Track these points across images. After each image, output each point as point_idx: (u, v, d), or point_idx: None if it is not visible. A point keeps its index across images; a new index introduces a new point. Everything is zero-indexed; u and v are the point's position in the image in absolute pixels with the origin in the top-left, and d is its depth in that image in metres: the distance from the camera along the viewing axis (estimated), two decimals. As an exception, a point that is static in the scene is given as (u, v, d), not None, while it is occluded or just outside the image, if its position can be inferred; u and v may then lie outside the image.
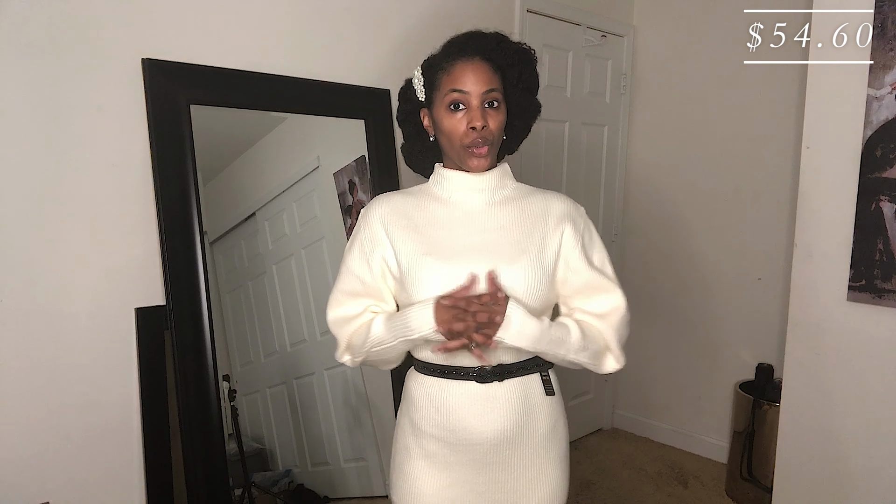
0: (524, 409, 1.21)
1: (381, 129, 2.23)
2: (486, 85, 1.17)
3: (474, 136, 1.16)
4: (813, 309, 2.01)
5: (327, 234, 2.19)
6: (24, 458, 1.56)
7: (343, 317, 1.25)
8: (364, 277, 1.23)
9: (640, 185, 3.29)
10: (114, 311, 1.67)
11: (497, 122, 1.19)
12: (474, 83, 1.16)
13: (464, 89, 1.16)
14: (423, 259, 1.18)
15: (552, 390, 1.24)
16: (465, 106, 1.17)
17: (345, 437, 2.19)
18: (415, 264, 1.18)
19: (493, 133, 1.18)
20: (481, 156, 1.18)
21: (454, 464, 1.21)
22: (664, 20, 3.13)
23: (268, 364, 2.03)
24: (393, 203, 1.26)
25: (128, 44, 1.65)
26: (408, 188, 1.33)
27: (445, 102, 1.18)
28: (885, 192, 1.83)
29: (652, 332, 3.28)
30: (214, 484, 1.75)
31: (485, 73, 1.17)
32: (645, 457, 3.11)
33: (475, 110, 1.16)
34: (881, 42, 1.81)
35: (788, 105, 2.71)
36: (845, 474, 1.98)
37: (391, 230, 1.22)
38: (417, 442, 1.23)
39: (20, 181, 1.52)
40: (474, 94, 1.16)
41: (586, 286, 1.23)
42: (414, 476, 1.22)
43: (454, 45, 1.22)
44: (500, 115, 1.20)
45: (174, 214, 1.72)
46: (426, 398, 1.22)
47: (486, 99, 1.17)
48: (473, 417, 1.18)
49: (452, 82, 1.17)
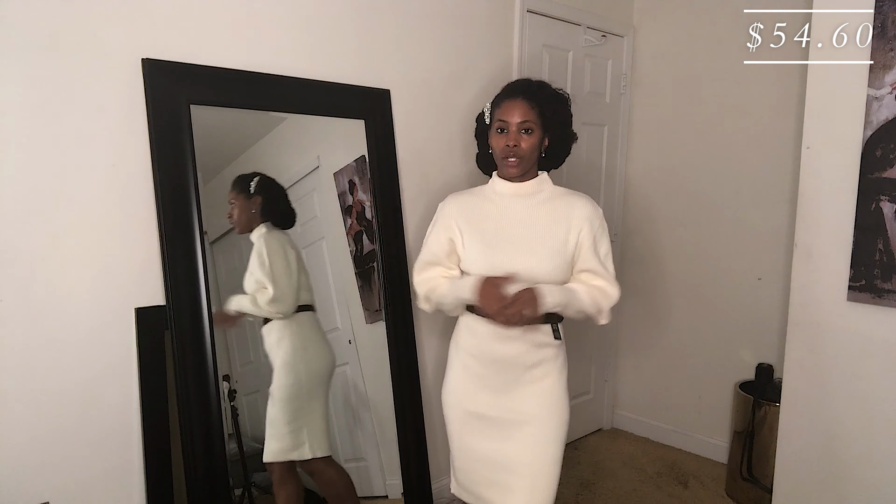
0: (534, 343, 1.66)
1: (381, 129, 2.23)
2: (521, 117, 1.63)
3: (508, 151, 1.64)
4: (813, 309, 2.02)
5: (327, 234, 2.19)
6: (24, 458, 1.56)
7: (423, 278, 1.76)
8: (438, 252, 1.73)
9: (640, 185, 3.29)
10: (114, 311, 1.68)
11: (528, 144, 1.64)
12: (512, 115, 1.64)
13: (506, 119, 1.65)
14: (476, 243, 1.68)
15: (559, 336, 1.68)
16: (506, 130, 1.65)
17: (345, 437, 2.19)
18: (470, 246, 1.69)
19: (523, 150, 1.64)
20: (512, 166, 1.66)
21: (480, 372, 1.70)
22: (664, 20, 3.13)
23: (268, 364, 2.03)
24: (461, 201, 1.76)
25: (128, 44, 1.65)
26: (471, 188, 1.82)
27: (495, 127, 1.68)
28: (885, 192, 1.83)
29: (652, 331, 3.28)
30: (214, 484, 1.75)
31: (522, 109, 1.63)
32: (645, 457, 3.11)
33: (511, 134, 1.64)
34: (881, 42, 1.81)
35: (788, 105, 2.71)
36: (845, 474, 1.98)
37: (458, 220, 1.72)
38: (458, 356, 1.76)
39: (20, 181, 1.52)
40: (512, 123, 1.64)
41: (590, 270, 1.67)
42: (452, 377, 1.78)
43: (507, 89, 1.71)
44: (532, 139, 1.65)
45: (174, 214, 1.72)
46: (468, 329, 1.73)
47: (521, 127, 1.64)
48: (496, 344, 1.66)
49: (500, 114, 1.66)
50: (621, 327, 3.42)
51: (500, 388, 1.68)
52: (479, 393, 1.70)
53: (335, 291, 2.20)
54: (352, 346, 2.20)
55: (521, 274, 1.59)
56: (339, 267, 2.22)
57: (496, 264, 1.62)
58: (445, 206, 1.77)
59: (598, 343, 3.33)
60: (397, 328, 2.27)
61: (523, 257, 1.62)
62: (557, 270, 1.63)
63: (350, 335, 2.20)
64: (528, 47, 2.71)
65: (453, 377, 1.77)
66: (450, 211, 1.74)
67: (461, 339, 1.76)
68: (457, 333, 1.79)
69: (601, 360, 3.37)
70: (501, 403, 1.68)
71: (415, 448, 2.29)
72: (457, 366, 1.76)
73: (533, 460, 1.66)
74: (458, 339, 1.77)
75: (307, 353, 2.09)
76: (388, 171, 2.26)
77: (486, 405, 1.69)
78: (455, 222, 1.72)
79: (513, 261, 1.62)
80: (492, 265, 1.62)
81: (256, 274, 1.97)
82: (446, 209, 1.76)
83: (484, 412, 1.70)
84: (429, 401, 2.45)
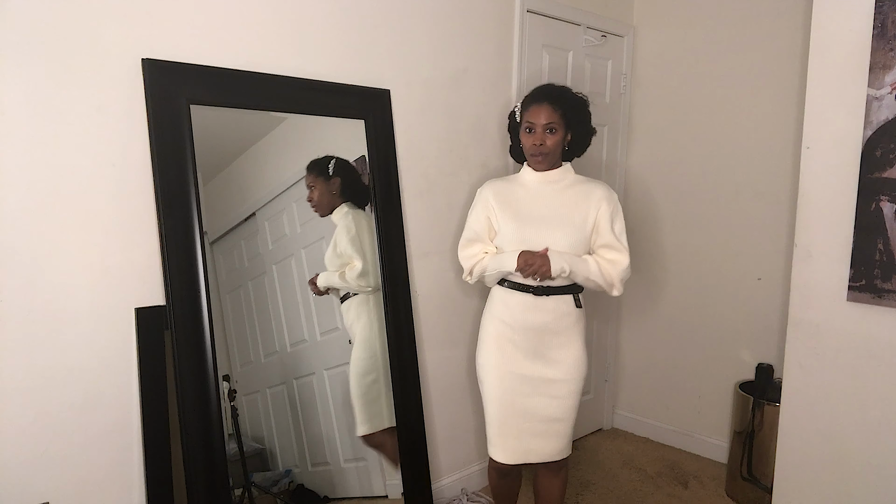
0: (560, 313, 1.97)
1: (381, 129, 2.23)
2: (546, 119, 1.94)
3: (536, 149, 1.96)
4: (813, 309, 2.01)
5: (327, 235, 2.19)
6: (24, 458, 1.56)
7: (466, 254, 2.07)
8: (479, 230, 2.04)
9: (640, 185, 3.29)
10: (114, 311, 1.68)
11: (552, 141, 1.96)
12: (538, 118, 1.94)
13: (533, 121, 1.95)
14: (510, 222, 1.98)
15: (580, 304, 2.00)
16: (533, 130, 1.96)
17: (345, 437, 2.19)
18: (506, 224, 1.98)
19: (549, 148, 1.96)
20: (538, 161, 2.00)
21: (514, 338, 1.98)
22: (664, 20, 3.13)
23: (268, 364, 2.03)
24: (496, 186, 2.07)
25: (128, 44, 1.65)
26: (506, 176, 2.14)
27: (524, 127, 1.99)
28: (885, 192, 1.83)
29: (652, 331, 3.28)
30: (214, 484, 1.75)
31: (546, 112, 1.94)
32: (645, 457, 3.11)
33: (538, 134, 1.95)
34: (881, 42, 1.81)
35: (788, 105, 2.71)
36: (845, 474, 1.98)
37: (495, 202, 2.02)
38: (493, 324, 2.03)
39: (20, 181, 1.52)
40: (538, 125, 1.95)
41: (606, 245, 1.97)
42: (487, 343, 2.04)
43: (535, 93, 2.00)
44: (556, 137, 1.96)
45: (174, 214, 1.72)
46: (501, 300, 2.02)
47: (546, 127, 1.94)
48: (528, 314, 1.96)
49: (528, 116, 1.97)
50: (621, 327, 3.42)
51: (532, 353, 1.97)
52: (516, 356, 1.98)
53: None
54: (352, 346, 2.20)
55: (549, 246, 1.92)
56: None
57: (526, 238, 1.93)
58: (483, 191, 2.07)
59: (599, 343, 3.33)
60: (397, 328, 2.27)
61: (548, 232, 1.93)
62: (578, 244, 1.94)
63: (350, 335, 2.20)
64: (528, 47, 2.71)
65: (489, 343, 2.03)
66: (487, 194, 2.05)
67: (496, 309, 2.04)
68: (491, 304, 2.07)
69: (601, 361, 3.37)
70: (536, 365, 1.97)
71: (415, 448, 2.30)
72: (491, 332, 2.03)
73: (562, 412, 1.99)
74: (493, 309, 2.05)
75: (382, 331, 2.23)
76: (388, 171, 2.26)
77: (522, 366, 1.97)
78: (491, 203, 2.02)
79: (539, 235, 1.93)
80: (522, 239, 1.94)
81: (345, 250, 2.11)
82: (484, 193, 2.06)
83: (524, 372, 1.97)
84: (429, 401, 2.46)
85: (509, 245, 1.96)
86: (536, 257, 1.90)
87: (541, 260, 1.89)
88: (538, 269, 1.88)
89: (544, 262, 1.89)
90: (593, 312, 3.25)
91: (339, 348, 2.17)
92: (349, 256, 2.13)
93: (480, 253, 2.05)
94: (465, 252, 2.07)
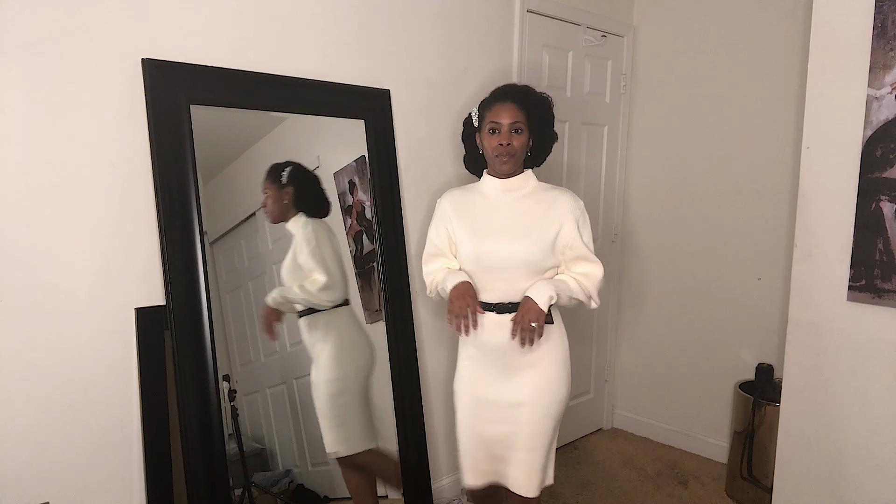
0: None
1: (381, 129, 2.23)
2: (512, 119, 1.78)
3: (501, 149, 1.78)
4: (813, 309, 2.01)
5: (327, 234, 2.19)
6: (24, 458, 1.56)
7: (427, 270, 1.94)
8: (439, 244, 1.90)
9: (640, 185, 3.29)
10: (114, 311, 1.68)
11: (519, 142, 1.79)
12: (504, 118, 1.78)
13: (498, 121, 1.79)
14: (467, 237, 1.83)
15: (552, 320, 1.81)
16: (498, 131, 1.79)
17: (345, 437, 2.19)
18: (461, 235, 1.85)
19: (515, 149, 1.79)
20: (505, 163, 1.80)
21: (483, 360, 1.85)
22: (664, 20, 3.13)
23: (268, 364, 2.03)
24: (454, 196, 1.93)
25: (128, 44, 1.65)
26: (465, 185, 1.96)
27: (486, 129, 1.81)
28: (885, 192, 1.83)
29: (652, 331, 3.28)
30: (214, 484, 1.75)
31: (512, 111, 1.78)
32: (645, 457, 3.11)
33: (504, 134, 1.78)
34: (881, 42, 1.81)
35: (788, 105, 2.71)
36: (845, 474, 1.98)
37: (454, 214, 1.88)
38: (465, 348, 1.90)
39: (20, 181, 1.52)
40: (504, 124, 1.78)
41: (580, 257, 1.83)
42: (459, 369, 1.93)
43: (496, 93, 1.85)
44: (522, 138, 1.80)
45: (174, 214, 1.72)
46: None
47: (512, 127, 1.78)
48: (492, 333, 1.80)
49: (492, 116, 1.80)
50: (621, 327, 3.42)
51: (500, 375, 1.83)
52: (484, 379, 1.85)
53: (335, 291, 2.20)
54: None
55: (506, 258, 1.77)
56: (339, 267, 2.22)
57: (484, 250, 1.79)
58: (442, 202, 1.94)
59: (598, 343, 3.33)
60: (397, 328, 2.27)
61: (508, 243, 1.78)
62: (540, 255, 1.78)
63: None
64: (528, 47, 2.71)
65: (462, 368, 1.92)
66: (445, 205, 1.91)
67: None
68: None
69: (601, 361, 3.37)
70: (502, 388, 1.83)
71: (415, 448, 2.30)
72: (463, 356, 1.92)
73: (530, 441, 1.82)
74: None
75: (354, 349, 2.16)
76: (388, 171, 2.26)
77: (490, 391, 1.85)
78: (449, 215, 1.88)
79: (499, 247, 1.78)
80: (480, 252, 1.79)
81: (306, 262, 2.03)
82: (442, 204, 1.93)
83: (488, 397, 1.85)
84: (429, 401, 2.46)
85: (467, 260, 1.82)
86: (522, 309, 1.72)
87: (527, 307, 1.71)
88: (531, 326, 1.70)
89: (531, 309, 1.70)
90: (593, 312, 3.25)
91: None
92: (310, 269, 2.03)
93: (442, 269, 1.90)
94: (427, 267, 1.93)
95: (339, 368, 2.12)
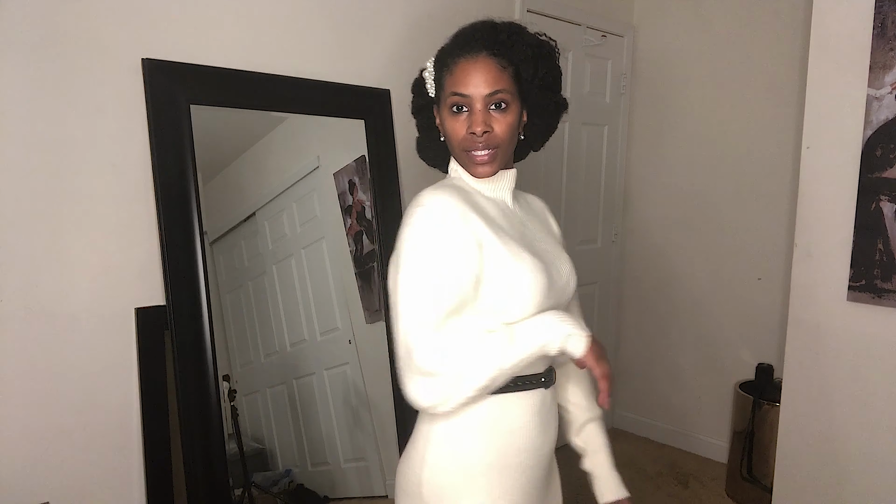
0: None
1: (381, 129, 2.23)
2: (489, 87, 1.05)
3: (474, 140, 1.06)
4: (813, 309, 2.01)
5: (327, 234, 2.19)
6: (24, 458, 1.55)
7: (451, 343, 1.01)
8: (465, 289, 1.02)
9: (640, 185, 3.29)
10: (114, 311, 1.67)
11: (504, 126, 1.07)
12: (476, 85, 1.05)
13: (464, 92, 1.06)
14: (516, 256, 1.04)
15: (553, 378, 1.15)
16: (467, 109, 1.07)
17: (345, 437, 2.19)
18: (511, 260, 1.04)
19: (498, 137, 1.07)
20: (482, 162, 1.08)
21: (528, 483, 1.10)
22: (664, 20, 3.13)
23: (268, 364, 2.03)
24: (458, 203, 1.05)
25: (128, 44, 1.65)
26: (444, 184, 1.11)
27: (448, 104, 1.09)
28: (885, 192, 1.83)
29: (652, 331, 3.28)
30: (214, 484, 1.75)
31: (489, 73, 1.05)
32: (645, 457, 3.11)
33: (477, 114, 1.06)
34: (881, 42, 1.81)
35: (788, 105, 2.71)
36: (845, 474, 1.98)
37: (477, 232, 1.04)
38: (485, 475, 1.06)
39: (20, 181, 1.52)
40: (476, 97, 1.05)
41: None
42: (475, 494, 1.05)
43: (459, 39, 1.11)
44: (509, 118, 1.07)
45: (174, 214, 1.72)
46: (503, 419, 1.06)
47: (490, 101, 1.06)
48: (545, 430, 1.10)
49: (454, 84, 1.07)
50: (621, 327, 3.42)
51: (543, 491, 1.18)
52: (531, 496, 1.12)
53: (335, 291, 2.21)
54: (352, 346, 2.20)
55: (568, 287, 1.15)
56: (339, 267, 2.22)
57: (555, 281, 1.09)
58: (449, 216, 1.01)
59: (598, 343, 3.33)
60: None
61: (562, 265, 1.15)
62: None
63: (350, 335, 2.20)
64: (528, 47, 2.71)
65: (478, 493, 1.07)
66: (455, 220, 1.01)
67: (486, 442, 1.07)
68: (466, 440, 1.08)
69: (601, 360, 3.37)
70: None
71: (415, 448, 2.29)
72: (494, 495, 1.07)
73: None
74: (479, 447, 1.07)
75: None
76: (388, 171, 2.26)
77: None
78: (474, 236, 1.02)
79: (560, 273, 1.13)
80: (550, 284, 1.07)
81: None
82: (448, 217, 1.01)
83: None
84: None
85: (529, 298, 1.03)
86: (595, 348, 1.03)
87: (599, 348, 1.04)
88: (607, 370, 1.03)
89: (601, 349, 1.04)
90: (593, 312, 3.25)
91: (339, 348, 2.17)
92: None
93: (486, 330, 1.01)
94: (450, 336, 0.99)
95: None
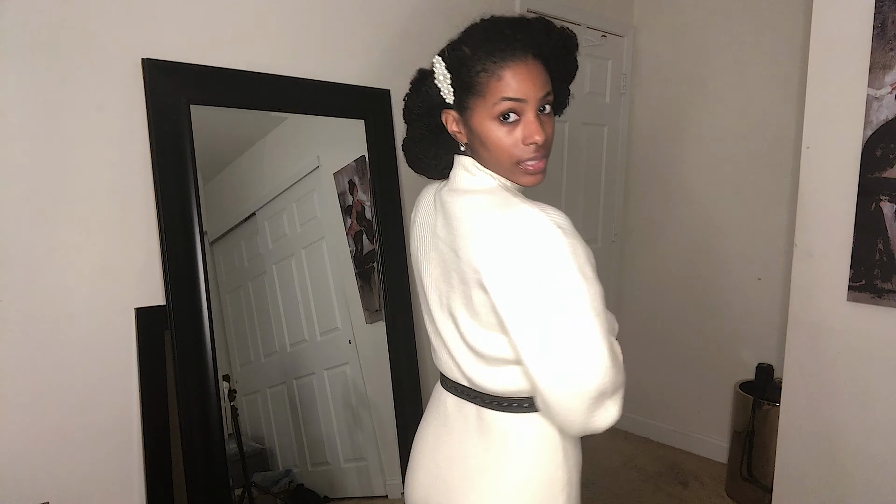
0: None
1: (381, 129, 2.23)
2: (541, 89, 0.98)
3: (535, 150, 0.98)
4: (813, 309, 2.01)
5: (327, 234, 2.19)
6: (24, 458, 1.55)
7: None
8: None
9: (640, 185, 3.29)
10: (114, 311, 1.67)
11: (552, 128, 1.01)
12: (530, 89, 0.96)
13: (522, 97, 0.96)
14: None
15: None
16: (519, 115, 0.98)
17: (345, 437, 2.19)
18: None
19: (549, 142, 1.00)
20: (538, 171, 1.00)
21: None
22: (664, 20, 3.13)
23: (268, 364, 2.03)
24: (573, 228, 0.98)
25: (128, 44, 1.65)
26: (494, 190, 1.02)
27: (494, 112, 0.97)
28: (885, 192, 1.83)
29: (652, 331, 3.28)
30: (214, 484, 1.75)
31: (541, 75, 0.98)
32: (645, 457, 3.11)
33: (532, 121, 0.97)
34: (881, 42, 1.81)
35: (788, 105, 2.71)
36: (845, 474, 1.98)
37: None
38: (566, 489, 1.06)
39: (20, 181, 1.52)
40: (532, 102, 0.97)
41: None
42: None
43: (498, 39, 0.98)
44: (552, 118, 1.02)
45: (174, 214, 1.72)
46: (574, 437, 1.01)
47: (541, 104, 0.99)
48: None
49: (504, 89, 0.96)
50: (621, 327, 3.41)
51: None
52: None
53: (335, 291, 2.21)
54: (352, 346, 2.20)
55: None
56: (339, 267, 2.22)
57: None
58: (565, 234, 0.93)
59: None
60: (397, 328, 2.27)
61: None
62: None
63: (350, 335, 2.20)
64: (528, 47, 2.71)
65: None
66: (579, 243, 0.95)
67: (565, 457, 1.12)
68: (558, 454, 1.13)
69: (601, 360, 3.37)
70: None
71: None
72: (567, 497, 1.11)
73: None
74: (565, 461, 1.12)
75: None
76: (388, 171, 2.26)
77: None
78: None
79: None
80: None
81: None
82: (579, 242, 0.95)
83: None
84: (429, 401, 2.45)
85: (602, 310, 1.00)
86: None
87: None
88: None
89: None
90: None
91: (339, 348, 2.17)
92: None
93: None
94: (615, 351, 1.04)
95: None
